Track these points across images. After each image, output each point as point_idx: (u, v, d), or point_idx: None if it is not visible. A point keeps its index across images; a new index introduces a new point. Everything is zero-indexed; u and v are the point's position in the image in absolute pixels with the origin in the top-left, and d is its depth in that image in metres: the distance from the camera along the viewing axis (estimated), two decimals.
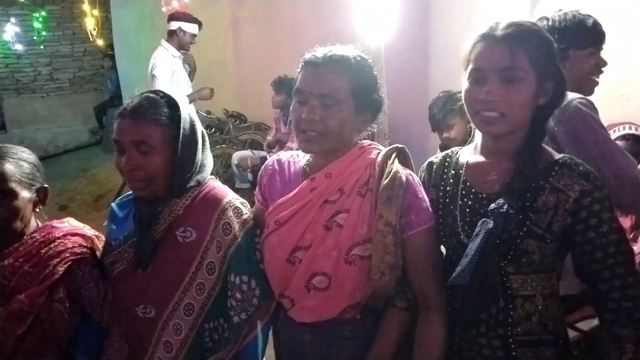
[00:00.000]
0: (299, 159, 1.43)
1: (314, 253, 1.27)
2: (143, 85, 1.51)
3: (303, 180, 1.35)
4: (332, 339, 1.32)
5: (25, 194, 1.38)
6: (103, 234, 1.51)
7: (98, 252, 1.47)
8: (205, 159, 1.43)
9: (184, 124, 1.33)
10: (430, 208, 1.29)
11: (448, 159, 1.36)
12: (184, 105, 1.38)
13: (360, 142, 1.36)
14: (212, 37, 5.75)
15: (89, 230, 1.51)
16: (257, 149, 5.54)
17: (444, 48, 3.59)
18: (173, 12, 4.65)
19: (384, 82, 1.97)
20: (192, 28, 4.43)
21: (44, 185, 1.46)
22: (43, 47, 9.25)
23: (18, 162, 1.39)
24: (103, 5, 8.26)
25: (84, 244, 1.43)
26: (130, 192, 1.42)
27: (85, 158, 8.49)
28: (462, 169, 1.30)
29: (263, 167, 1.48)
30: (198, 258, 1.35)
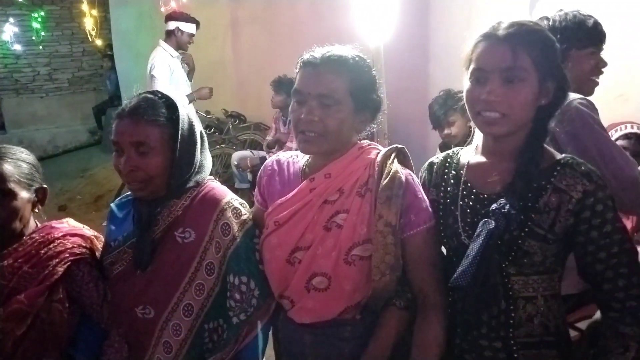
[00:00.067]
0: (298, 160, 1.42)
1: (314, 253, 1.27)
2: (142, 86, 1.51)
3: (302, 181, 1.34)
4: (332, 340, 1.31)
5: (24, 194, 1.38)
6: (102, 235, 1.51)
7: (97, 252, 1.47)
8: (204, 160, 1.43)
9: (183, 125, 1.33)
10: (430, 208, 1.28)
11: (449, 159, 1.36)
12: (183, 106, 1.38)
13: (360, 142, 1.36)
14: (211, 37, 5.74)
15: (88, 231, 1.51)
16: (256, 149, 5.53)
17: (444, 48, 3.59)
18: (170, 12, 4.65)
19: (384, 82, 1.97)
20: (189, 28, 4.43)
21: (43, 186, 1.46)
22: (42, 47, 9.24)
23: (17, 162, 1.39)
24: (102, 5, 8.27)
25: (83, 245, 1.43)
26: (130, 192, 1.42)
27: (85, 158, 8.48)
28: (463, 170, 1.30)
29: (262, 167, 1.48)
30: (197, 259, 1.35)
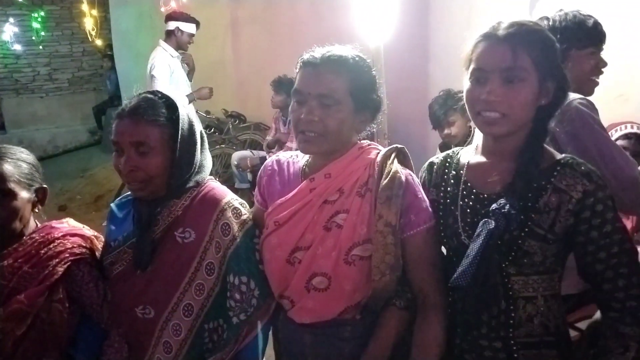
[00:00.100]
0: (298, 160, 1.42)
1: (314, 253, 1.27)
2: (142, 86, 1.51)
3: (302, 181, 1.34)
4: (332, 340, 1.31)
5: (24, 194, 1.38)
6: (102, 234, 1.51)
7: (97, 252, 1.47)
8: (204, 160, 1.43)
9: (183, 125, 1.33)
10: (430, 208, 1.28)
11: (449, 160, 1.36)
12: (183, 106, 1.38)
13: (360, 142, 1.36)
14: (211, 37, 5.74)
15: (88, 231, 1.51)
16: (256, 149, 5.53)
17: (444, 48, 3.59)
18: (170, 12, 4.65)
19: (384, 82, 1.97)
20: (189, 28, 4.43)
21: (43, 186, 1.46)
22: (42, 47, 9.23)
23: (17, 162, 1.39)
24: (102, 5, 8.26)
25: (83, 245, 1.43)
26: (129, 192, 1.42)
27: (85, 158, 8.48)
28: (463, 170, 1.29)
29: (262, 167, 1.48)
30: (197, 259, 1.35)
